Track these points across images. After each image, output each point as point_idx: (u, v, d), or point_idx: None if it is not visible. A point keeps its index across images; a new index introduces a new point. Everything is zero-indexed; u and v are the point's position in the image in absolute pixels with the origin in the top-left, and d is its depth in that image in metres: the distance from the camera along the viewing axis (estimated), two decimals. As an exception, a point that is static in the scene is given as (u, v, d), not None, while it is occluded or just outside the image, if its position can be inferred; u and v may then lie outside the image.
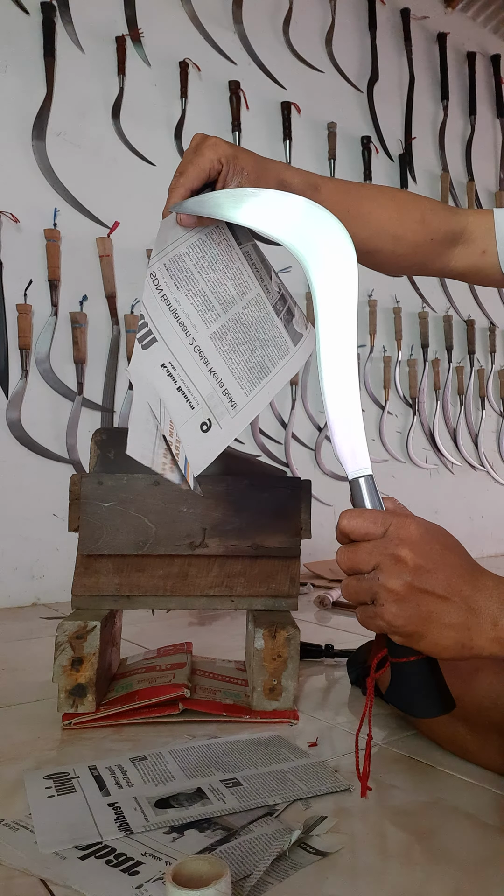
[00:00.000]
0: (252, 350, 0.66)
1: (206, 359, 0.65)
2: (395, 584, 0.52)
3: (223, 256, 0.67)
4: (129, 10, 1.94)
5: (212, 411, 0.64)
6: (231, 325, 0.65)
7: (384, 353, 2.44)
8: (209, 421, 0.63)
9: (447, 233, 0.83)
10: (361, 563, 0.53)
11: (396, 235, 0.81)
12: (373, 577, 0.53)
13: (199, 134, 0.70)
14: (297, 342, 0.69)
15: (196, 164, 0.67)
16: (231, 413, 0.64)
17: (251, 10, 2.19)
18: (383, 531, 0.53)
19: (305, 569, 2.07)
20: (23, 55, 1.76)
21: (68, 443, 1.76)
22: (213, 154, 0.67)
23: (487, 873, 0.55)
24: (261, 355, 0.66)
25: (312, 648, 1.17)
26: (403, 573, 0.52)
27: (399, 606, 0.52)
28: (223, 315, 0.65)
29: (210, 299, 0.65)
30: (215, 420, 0.64)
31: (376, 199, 0.81)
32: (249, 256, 0.69)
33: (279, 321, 0.68)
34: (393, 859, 0.57)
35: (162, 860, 0.55)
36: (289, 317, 0.70)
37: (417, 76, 2.63)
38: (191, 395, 0.63)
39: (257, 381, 0.68)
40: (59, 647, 0.85)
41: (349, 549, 0.54)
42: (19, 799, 0.66)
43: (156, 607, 0.94)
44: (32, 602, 1.70)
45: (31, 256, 1.74)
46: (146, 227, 1.90)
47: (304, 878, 0.54)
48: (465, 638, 0.53)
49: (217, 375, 0.64)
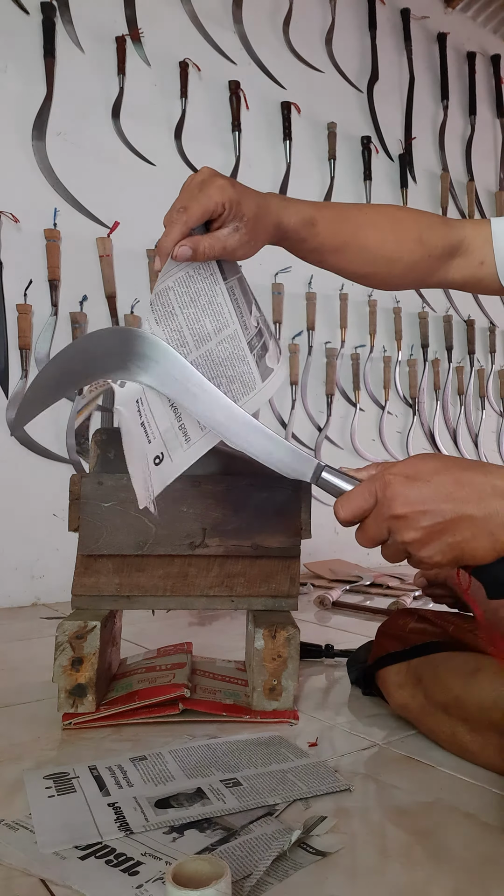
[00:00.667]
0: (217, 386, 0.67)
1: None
2: (409, 536, 0.56)
3: (206, 292, 0.68)
4: (129, 10, 1.94)
5: (165, 445, 0.67)
6: (200, 362, 0.67)
7: (384, 353, 2.44)
8: (161, 454, 0.67)
9: (445, 247, 0.85)
10: (377, 535, 0.58)
11: (392, 258, 0.82)
12: (393, 540, 0.58)
13: (208, 168, 0.70)
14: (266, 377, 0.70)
15: (201, 204, 0.66)
16: (184, 447, 0.67)
17: (251, 10, 2.19)
18: (374, 500, 0.58)
19: (305, 569, 2.07)
20: (23, 55, 1.76)
21: (68, 443, 1.76)
22: (220, 197, 0.67)
23: (487, 873, 0.55)
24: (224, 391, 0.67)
25: (312, 648, 1.17)
26: (410, 524, 0.56)
27: (425, 549, 0.56)
28: (194, 351, 0.67)
29: (185, 335, 0.67)
30: (167, 454, 0.67)
31: (374, 224, 0.82)
32: (233, 291, 0.70)
33: (251, 357, 0.69)
34: (393, 859, 0.57)
35: (162, 860, 0.55)
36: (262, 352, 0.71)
37: (417, 76, 2.63)
38: (149, 428, 0.67)
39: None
40: (59, 647, 0.85)
41: (361, 531, 0.59)
42: (19, 799, 0.66)
43: (156, 607, 0.94)
44: (32, 602, 1.70)
45: (31, 256, 1.74)
46: (146, 227, 1.90)
47: (304, 878, 0.54)
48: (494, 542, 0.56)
49: (177, 410, 0.67)
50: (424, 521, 0.56)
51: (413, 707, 0.82)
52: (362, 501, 0.58)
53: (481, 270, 0.86)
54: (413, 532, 0.56)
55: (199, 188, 0.67)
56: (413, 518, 0.56)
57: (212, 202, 0.66)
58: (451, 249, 0.85)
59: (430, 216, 0.87)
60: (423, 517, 0.56)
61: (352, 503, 0.59)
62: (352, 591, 1.86)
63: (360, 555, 2.28)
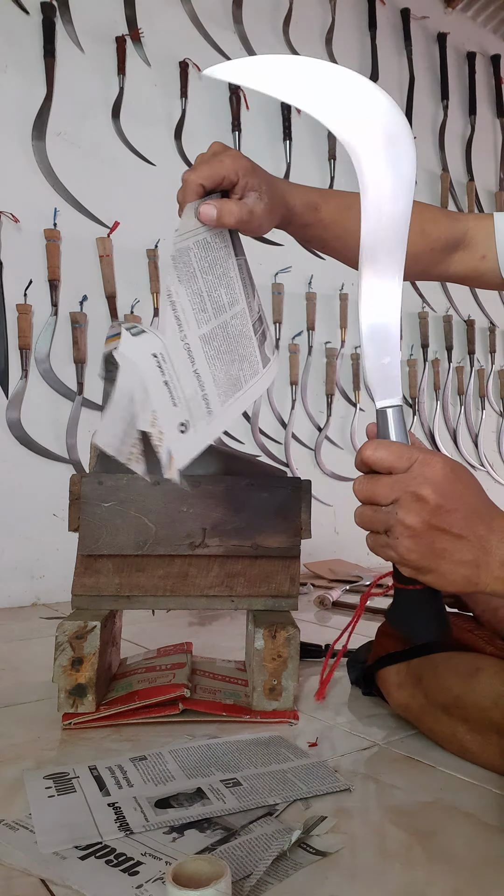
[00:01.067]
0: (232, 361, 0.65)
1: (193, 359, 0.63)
2: (413, 521, 0.52)
3: (221, 263, 0.66)
4: (129, 10, 1.94)
5: (190, 412, 0.62)
6: (218, 332, 0.65)
7: (384, 353, 2.44)
8: (185, 422, 0.62)
9: (447, 240, 0.84)
10: (381, 495, 0.54)
11: None
12: (391, 510, 0.53)
13: (219, 143, 0.70)
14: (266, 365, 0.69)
15: (213, 166, 0.66)
16: (206, 419, 0.63)
17: (251, 10, 2.19)
18: (408, 466, 0.53)
19: (305, 569, 2.07)
20: (23, 55, 1.76)
21: (68, 443, 1.76)
22: (233, 164, 0.67)
23: (487, 873, 0.55)
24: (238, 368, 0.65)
25: (312, 648, 1.17)
26: (423, 511, 0.52)
27: (414, 542, 0.53)
28: (213, 319, 0.65)
29: (205, 300, 0.64)
30: (192, 423, 0.62)
31: None
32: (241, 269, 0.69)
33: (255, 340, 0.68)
34: (393, 859, 0.57)
35: (162, 860, 0.55)
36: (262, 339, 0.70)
37: (417, 76, 2.63)
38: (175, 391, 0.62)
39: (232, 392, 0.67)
40: (59, 647, 0.85)
41: (369, 480, 0.54)
42: (19, 799, 0.66)
43: (156, 607, 0.94)
44: (32, 602, 1.70)
45: (31, 256, 1.74)
46: (146, 227, 1.90)
47: (304, 878, 0.54)
48: (473, 574, 0.54)
49: (200, 378, 0.63)
50: (435, 519, 0.52)
51: (413, 707, 0.82)
52: (396, 459, 0.53)
53: (483, 264, 0.86)
54: (418, 520, 0.52)
55: (213, 155, 0.68)
56: (430, 510, 0.52)
57: (225, 166, 0.66)
58: (454, 242, 0.85)
59: (433, 209, 0.87)
60: (437, 513, 0.52)
61: (385, 451, 0.54)
62: (352, 591, 1.86)
63: (360, 555, 2.28)
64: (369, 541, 0.56)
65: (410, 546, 0.53)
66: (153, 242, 1.91)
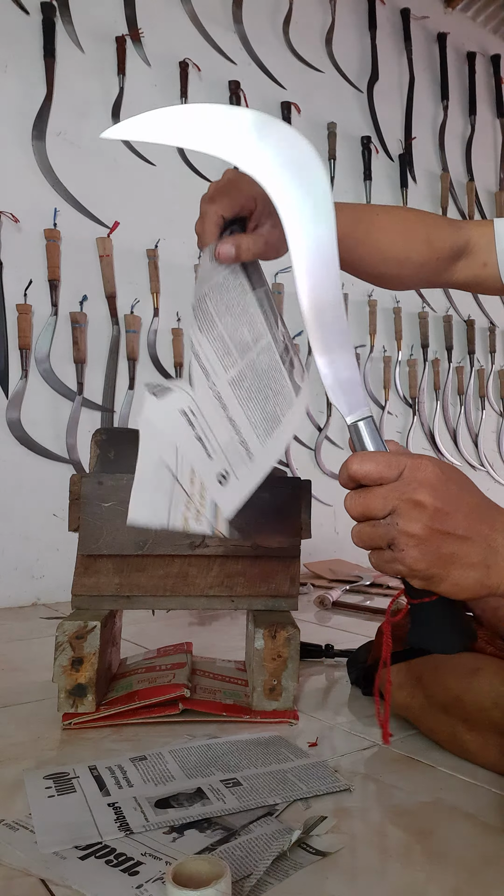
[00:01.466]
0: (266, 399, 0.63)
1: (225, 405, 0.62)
2: (415, 529, 0.51)
3: (238, 301, 0.65)
4: (129, 10, 1.94)
5: (228, 461, 0.61)
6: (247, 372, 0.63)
7: (384, 353, 2.44)
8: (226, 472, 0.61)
9: (451, 249, 0.85)
10: (376, 508, 0.52)
11: (401, 259, 0.82)
12: (390, 522, 0.51)
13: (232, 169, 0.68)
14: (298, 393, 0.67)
15: (232, 195, 0.65)
16: (248, 464, 0.62)
17: (251, 10, 2.19)
18: (398, 474, 0.52)
19: (305, 569, 2.07)
20: (23, 55, 1.76)
21: (68, 443, 1.76)
22: (250, 191, 0.65)
23: (487, 873, 0.55)
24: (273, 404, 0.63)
25: (312, 648, 1.17)
26: (423, 517, 0.51)
27: (420, 550, 0.51)
28: (240, 361, 0.63)
29: (228, 344, 0.63)
30: (232, 471, 0.61)
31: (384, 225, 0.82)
32: (262, 303, 0.67)
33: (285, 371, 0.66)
34: (393, 859, 0.57)
35: (162, 860, 0.55)
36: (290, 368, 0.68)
37: (417, 76, 2.63)
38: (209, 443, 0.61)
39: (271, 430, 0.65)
40: (59, 647, 0.85)
41: (361, 495, 0.53)
42: (19, 799, 0.66)
43: (156, 607, 0.94)
44: (32, 602, 1.70)
45: (31, 256, 1.74)
46: (146, 227, 1.90)
47: (304, 878, 0.54)
48: (485, 577, 0.52)
49: (235, 423, 0.62)
50: (437, 524, 0.51)
51: (413, 707, 0.82)
52: (384, 468, 0.52)
53: (484, 272, 0.87)
54: (419, 526, 0.51)
55: (229, 182, 0.67)
56: (430, 514, 0.51)
57: (243, 195, 0.65)
58: (458, 251, 0.86)
59: (436, 217, 0.88)
60: (438, 517, 0.51)
61: (372, 463, 0.52)
62: (352, 591, 1.86)
63: (360, 555, 2.28)
64: (373, 559, 0.54)
65: (417, 555, 0.51)
66: (153, 242, 1.91)
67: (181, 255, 1.95)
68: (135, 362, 1.86)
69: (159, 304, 1.92)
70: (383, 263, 0.82)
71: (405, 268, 0.83)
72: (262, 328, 0.66)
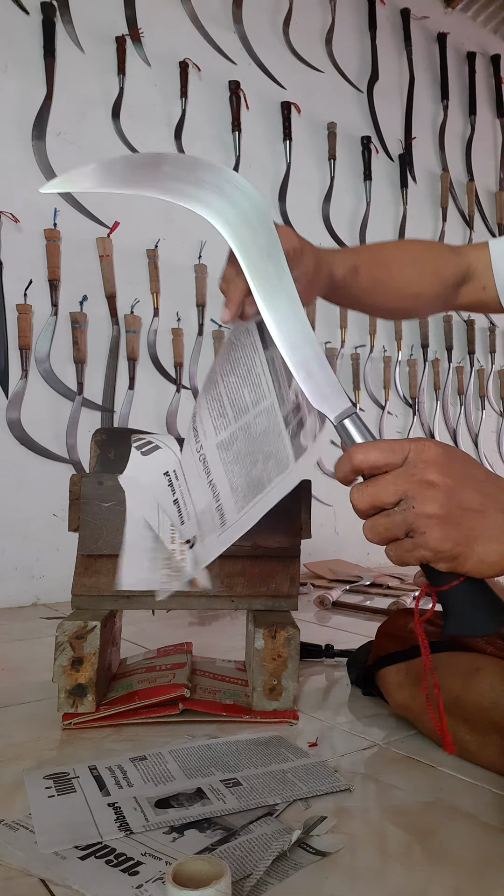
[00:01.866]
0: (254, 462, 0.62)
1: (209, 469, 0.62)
2: (433, 508, 0.49)
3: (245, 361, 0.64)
4: (129, 10, 1.94)
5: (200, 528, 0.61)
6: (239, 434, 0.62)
7: (384, 353, 2.44)
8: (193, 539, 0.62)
9: (455, 276, 0.89)
10: (386, 495, 0.50)
11: (416, 293, 0.87)
12: (405, 507, 0.50)
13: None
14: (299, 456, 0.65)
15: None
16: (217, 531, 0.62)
17: (251, 10, 2.19)
18: (403, 458, 0.51)
19: (305, 569, 2.07)
20: (23, 55, 1.76)
21: (68, 443, 1.76)
22: (288, 245, 0.66)
23: (487, 873, 0.55)
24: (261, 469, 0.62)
25: (312, 648, 1.17)
26: (438, 495, 0.50)
27: (442, 530, 0.50)
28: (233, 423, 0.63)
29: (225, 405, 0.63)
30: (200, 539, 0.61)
31: (399, 262, 0.86)
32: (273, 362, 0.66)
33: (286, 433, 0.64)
34: (393, 859, 0.57)
35: (162, 860, 0.55)
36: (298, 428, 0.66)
37: (417, 76, 2.63)
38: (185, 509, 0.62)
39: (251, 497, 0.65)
40: (59, 647, 0.85)
41: (369, 485, 0.51)
42: (19, 799, 0.66)
43: (156, 607, 0.94)
44: (32, 602, 1.70)
45: (31, 256, 1.74)
46: (146, 227, 1.90)
47: (304, 878, 0.54)
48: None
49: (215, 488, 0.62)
50: (454, 500, 0.49)
51: (413, 707, 0.82)
52: (389, 454, 0.51)
53: (484, 295, 0.91)
54: (437, 505, 0.49)
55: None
56: (445, 492, 0.49)
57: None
58: (461, 277, 0.90)
59: (440, 247, 0.92)
60: (453, 493, 0.50)
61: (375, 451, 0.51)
62: (352, 591, 1.86)
63: (360, 555, 2.28)
64: (392, 552, 0.52)
65: (440, 536, 0.50)
66: (153, 242, 1.91)
67: (181, 255, 1.95)
68: (135, 362, 1.87)
69: (159, 304, 1.92)
70: (400, 301, 0.86)
71: (419, 301, 0.88)
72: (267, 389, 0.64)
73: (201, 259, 1.99)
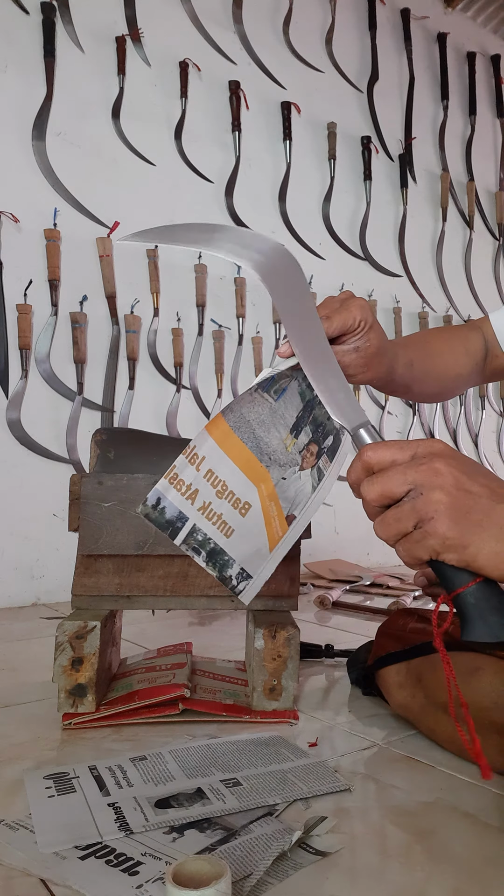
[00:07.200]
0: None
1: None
2: (440, 495, 0.50)
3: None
4: (129, 10, 1.94)
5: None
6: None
7: (384, 353, 2.44)
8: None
9: (480, 351, 0.96)
10: (395, 485, 0.52)
11: (456, 375, 0.92)
12: (413, 496, 0.51)
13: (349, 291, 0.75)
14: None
15: (342, 317, 0.70)
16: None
17: (251, 10, 2.19)
18: (411, 455, 0.53)
19: (305, 569, 2.07)
20: (23, 55, 1.76)
21: (68, 443, 1.76)
22: (360, 315, 0.70)
23: (487, 873, 0.55)
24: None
25: (312, 648, 1.17)
26: (445, 482, 0.51)
27: (450, 516, 0.50)
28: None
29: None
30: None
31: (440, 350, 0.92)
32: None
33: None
34: (393, 859, 0.57)
35: (162, 860, 0.55)
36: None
37: (417, 76, 2.63)
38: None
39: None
40: (59, 647, 0.85)
41: (378, 477, 0.53)
42: (19, 799, 0.66)
43: (156, 607, 0.94)
44: (32, 602, 1.70)
45: (31, 256, 1.74)
46: (146, 227, 1.90)
47: (304, 878, 0.54)
48: None
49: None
50: (460, 486, 0.50)
51: (413, 707, 0.82)
52: (397, 451, 0.53)
53: (498, 362, 0.97)
54: (444, 492, 0.50)
55: (342, 303, 0.71)
56: (453, 479, 0.51)
57: (352, 317, 0.70)
58: (484, 350, 0.96)
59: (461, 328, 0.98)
60: (459, 480, 0.51)
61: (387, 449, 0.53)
62: (352, 591, 1.86)
63: (360, 555, 2.28)
64: (402, 548, 0.53)
65: (448, 522, 0.50)
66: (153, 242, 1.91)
67: (181, 255, 1.95)
68: (135, 362, 1.87)
69: (159, 304, 1.92)
70: (445, 384, 0.91)
71: (459, 381, 0.93)
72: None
73: (201, 259, 1.99)
